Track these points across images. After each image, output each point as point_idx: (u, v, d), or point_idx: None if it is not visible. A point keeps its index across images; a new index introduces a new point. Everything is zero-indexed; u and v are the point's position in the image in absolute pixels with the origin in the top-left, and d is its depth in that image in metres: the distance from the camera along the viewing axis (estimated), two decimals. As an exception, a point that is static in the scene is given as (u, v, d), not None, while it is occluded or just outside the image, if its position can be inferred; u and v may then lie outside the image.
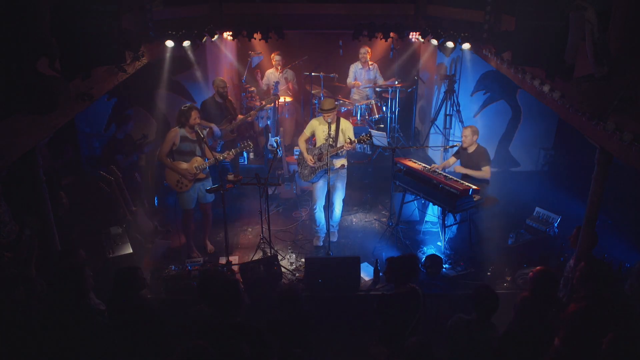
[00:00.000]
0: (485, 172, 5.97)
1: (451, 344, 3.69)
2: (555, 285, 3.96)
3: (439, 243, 6.19)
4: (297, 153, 6.11)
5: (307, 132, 6.12)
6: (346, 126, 5.96)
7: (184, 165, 5.55)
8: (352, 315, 5.21)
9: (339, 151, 5.80)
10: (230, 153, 5.72)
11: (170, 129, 5.76)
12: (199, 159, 5.60)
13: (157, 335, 3.64)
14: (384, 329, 3.99)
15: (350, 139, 5.79)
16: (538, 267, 3.91)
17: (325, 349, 4.57)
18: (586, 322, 3.40)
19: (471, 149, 6.09)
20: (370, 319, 4.25)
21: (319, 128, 6.00)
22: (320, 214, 6.19)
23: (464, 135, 6.12)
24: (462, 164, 6.19)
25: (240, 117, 7.16)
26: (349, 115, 8.42)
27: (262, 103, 8.32)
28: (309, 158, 5.94)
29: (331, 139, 5.74)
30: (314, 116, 8.57)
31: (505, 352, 3.30)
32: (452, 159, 6.38)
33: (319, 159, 5.91)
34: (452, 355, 3.69)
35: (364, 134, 5.81)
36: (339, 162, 5.97)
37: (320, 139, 5.99)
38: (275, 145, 7.66)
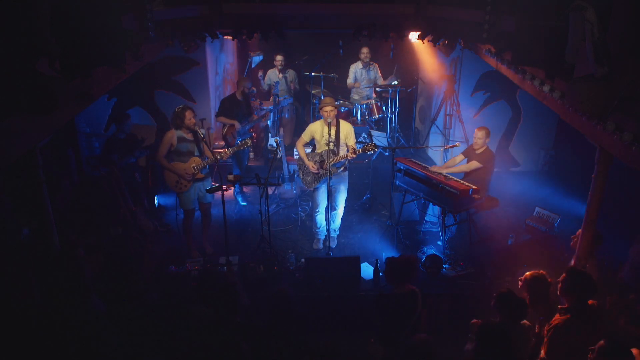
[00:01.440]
0: (470, 164, 5.94)
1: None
2: (547, 288, 3.91)
3: (439, 243, 6.19)
4: (297, 154, 6.06)
5: (305, 137, 5.96)
6: (347, 129, 5.84)
7: (182, 165, 5.53)
8: (352, 315, 5.21)
9: (342, 159, 5.72)
10: (228, 151, 5.72)
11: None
12: (197, 159, 5.58)
13: (158, 333, 3.63)
14: (382, 328, 3.99)
15: (354, 149, 5.72)
16: (530, 272, 3.86)
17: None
18: (570, 334, 3.38)
19: (480, 151, 6.08)
20: (370, 319, 4.25)
21: (318, 132, 5.85)
22: (321, 217, 6.17)
23: (476, 137, 6.02)
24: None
25: (254, 117, 7.14)
26: (349, 115, 8.42)
27: (262, 103, 8.33)
28: (311, 165, 5.80)
29: (332, 144, 5.66)
30: (314, 116, 8.58)
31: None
32: (460, 157, 6.35)
33: (321, 166, 5.81)
34: None
35: (369, 143, 5.76)
36: (342, 167, 5.93)
37: (320, 143, 5.86)
38: (275, 145, 7.66)
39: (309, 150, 6.23)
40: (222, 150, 5.74)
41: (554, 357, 3.39)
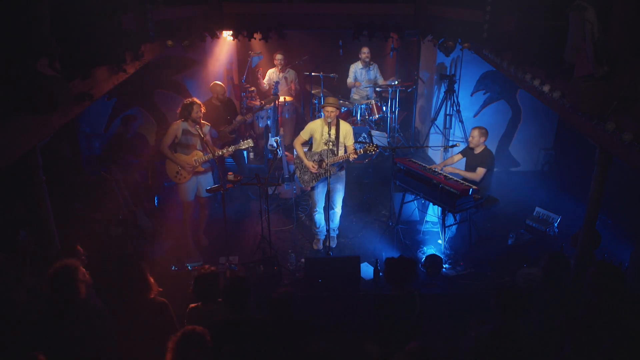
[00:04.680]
0: (478, 173, 5.96)
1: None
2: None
3: (439, 241, 6.19)
4: (296, 153, 6.06)
5: (304, 135, 5.93)
6: (347, 130, 5.82)
7: (184, 157, 5.72)
8: (351, 315, 5.21)
9: (342, 160, 5.72)
10: (230, 149, 5.77)
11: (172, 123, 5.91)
12: (199, 152, 5.75)
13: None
14: (379, 328, 3.99)
15: (355, 150, 5.70)
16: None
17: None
18: (599, 329, 3.36)
19: (478, 150, 6.08)
20: (369, 318, 4.26)
21: (318, 131, 5.83)
22: (320, 216, 6.17)
23: (471, 135, 6.09)
24: (467, 164, 6.20)
25: (239, 117, 7.16)
26: (349, 115, 8.42)
27: (261, 103, 8.33)
28: (310, 165, 5.78)
29: (331, 143, 5.64)
30: (314, 116, 8.58)
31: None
32: (458, 156, 6.37)
33: (320, 165, 5.79)
34: None
35: (370, 144, 5.75)
36: (339, 166, 5.92)
37: (319, 142, 5.84)
38: (275, 145, 7.66)
39: (306, 149, 6.22)
40: (224, 149, 5.79)
41: (581, 350, 3.36)
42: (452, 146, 6.85)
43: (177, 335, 2.91)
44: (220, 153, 5.71)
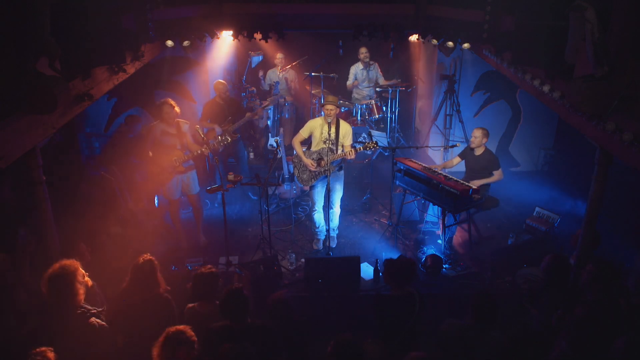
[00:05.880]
0: (497, 175, 6.06)
1: (444, 350, 3.63)
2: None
3: (439, 241, 6.19)
4: (295, 153, 6.06)
5: (303, 133, 5.94)
6: (346, 130, 5.83)
7: (164, 157, 5.75)
8: (352, 315, 5.21)
9: (340, 158, 5.73)
10: (209, 146, 5.77)
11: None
12: (178, 152, 5.78)
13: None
14: (379, 328, 4.00)
15: (354, 147, 5.71)
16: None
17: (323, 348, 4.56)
18: (595, 326, 3.37)
19: (478, 151, 6.08)
20: (369, 318, 4.26)
21: (318, 129, 5.85)
22: (319, 216, 6.17)
23: (473, 135, 6.09)
24: (468, 166, 6.19)
25: (248, 115, 7.16)
26: (349, 115, 8.42)
27: (261, 102, 8.34)
28: (309, 163, 5.80)
29: (330, 142, 5.67)
30: (313, 116, 8.58)
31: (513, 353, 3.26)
32: (457, 159, 6.37)
33: (318, 164, 5.80)
34: None
35: (369, 141, 5.75)
36: (338, 166, 5.93)
37: (318, 140, 5.86)
38: (275, 145, 7.65)
39: (305, 148, 6.21)
40: (203, 147, 5.81)
41: (577, 347, 3.37)
42: (452, 146, 6.85)
43: (160, 340, 2.89)
44: (199, 151, 5.72)
